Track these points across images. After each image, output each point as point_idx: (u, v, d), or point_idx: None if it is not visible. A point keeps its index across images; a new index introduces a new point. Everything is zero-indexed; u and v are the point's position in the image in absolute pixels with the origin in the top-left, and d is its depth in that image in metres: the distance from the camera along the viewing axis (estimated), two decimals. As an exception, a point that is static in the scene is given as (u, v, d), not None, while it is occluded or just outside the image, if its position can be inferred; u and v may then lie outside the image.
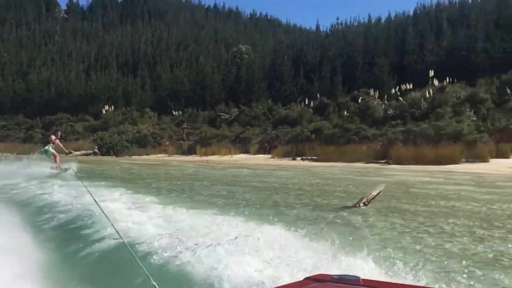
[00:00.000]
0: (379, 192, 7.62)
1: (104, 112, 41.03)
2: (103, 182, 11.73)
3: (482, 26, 33.14)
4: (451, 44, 33.24)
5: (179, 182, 13.94)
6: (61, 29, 64.14)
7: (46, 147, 15.29)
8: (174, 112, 39.13)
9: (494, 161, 17.92)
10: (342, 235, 4.90)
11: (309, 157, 23.21)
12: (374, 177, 14.90)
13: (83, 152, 31.72)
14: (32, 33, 61.87)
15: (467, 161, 18.38)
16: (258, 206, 8.40)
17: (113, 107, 41.69)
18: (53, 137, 15.75)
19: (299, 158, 24.01)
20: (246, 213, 6.39)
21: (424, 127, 21.09)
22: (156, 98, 43.75)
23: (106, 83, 45.94)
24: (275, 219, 6.43)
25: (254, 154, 27.69)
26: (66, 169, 14.27)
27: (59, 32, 63.05)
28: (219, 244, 4.27)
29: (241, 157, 26.71)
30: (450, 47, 33.22)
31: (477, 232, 5.79)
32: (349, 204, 7.65)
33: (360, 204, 7.31)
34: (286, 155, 25.61)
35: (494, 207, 7.84)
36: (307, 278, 1.73)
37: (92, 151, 31.99)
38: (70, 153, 17.69)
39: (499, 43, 30.99)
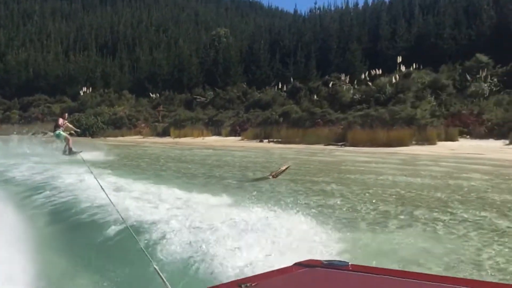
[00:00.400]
0: (286, 168, 8.82)
1: (82, 93, 41.56)
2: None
3: (452, 13, 34.25)
4: (421, 31, 34.34)
5: (139, 160, 15.05)
6: (40, 9, 63.77)
7: (57, 132, 15.23)
8: (151, 95, 39.86)
9: (441, 144, 19.20)
10: (250, 193, 6.35)
11: (274, 140, 24.33)
12: (321, 157, 16.12)
13: (59, 133, 32.40)
14: (11, 13, 61.49)
15: (417, 144, 19.64)
16: (197, 178, 9.63)
17: (91, 88, 42.21)
18: (60, 120, 15.63)
19: (266, 140, 25.13)
20: (184, 183, 7.72)
21: (381, 111, 22.31)
22: (134, 80, 44.37)
23: (85, 64, 46.33)
24: (205, 188, 7.74)
25: (226, 136, 28.73)
26: (78, 152, 14.13)
27: (38, 12, 62.73)
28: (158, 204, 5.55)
29: (212, 139, 27.75)
30: (420, 34, 34.33)
31: (348, 194, 7.06)
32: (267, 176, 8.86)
33: (270, 176, 8.49)
34: (255, 137, 26.68)
35: (381, 177, 9.16)
36: (296, 264, 1.77)
37: (68, 132, 32.64)
38: (77, 132, 17.36)
39: (466, 31, 32.18)
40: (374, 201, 6.61)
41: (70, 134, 15.73)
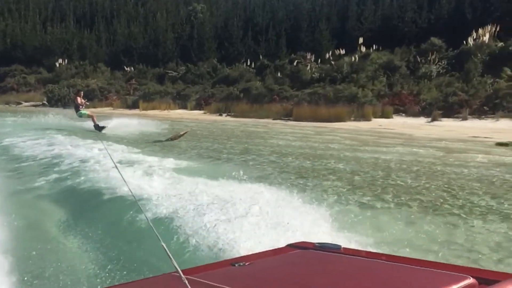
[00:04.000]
0: (184, 133, 11.62)
1: (57, 65, 43.60)
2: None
3: (416, -4, 36.58)
4: (385, 13, 36.69)
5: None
6: (19, -22, 64.71)
7: (80, 112, 16.36)
8: (126, 68, 42.04)
9: (374, 120, 21.95)
10: (153, 151, 9.10)
11: (232, 113, 26.93)
12: (260, 129, 18.84)
13: (32, 103, 34.78)
14: (-11, -19, 62.49)
15: (354, 120, 22.35)
16: (126, 141, 12.34)
17: (66, 60, 44.23)
18: (78, 99, 16.84)
19: (225, 114, 27.72)
20: (112, 144, 10.50)
21: (328, 89, 24.91)
22: (110, 53, 46.40)
23: (62, 36, 48.17)
24: (128, 147, 10.48)
25: (191, 110, 31.24)
26: (104, 127, 15.42)
27: (16, -20, 63.69)
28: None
29: (176, 112, 30.28)
30: (384, 16, 36.69)
31: (235, 146, 9.86)
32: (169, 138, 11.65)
33: (170, 139, 11.25)
34: (217, 111, 29.25)
35: (274, 141, 11.97)
36: (289, 245, 1.82)
37: (41, 103, 35.05)
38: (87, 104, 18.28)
39: (426, 14, 34.60)
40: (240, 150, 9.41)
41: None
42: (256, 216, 4.18)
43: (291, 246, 1.81)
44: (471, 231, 4.39)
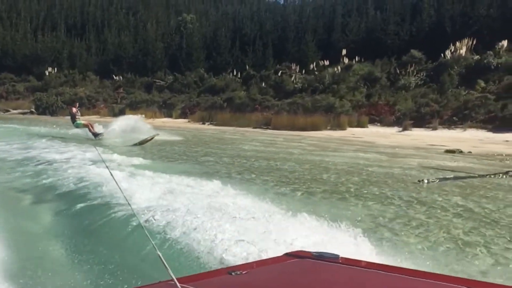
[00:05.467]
0: (151, 138, 12.75)
1: (47, 73, 44.76)
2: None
3: (399, 9, 38.08)
4: (369, 26, 38.15)
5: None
6: (11, -14, 66.12)
7: (76, 122, 16.63)
8: (114, 77, 43.24)
9: (349, 129, 23.13)
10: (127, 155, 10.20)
11: (214, 122, 28.09)
12: (235, 136, 19.99)
13: (20, 111, 35.87)
14: (-19, -11, 63.84)
15: (330, 129, 23.53)
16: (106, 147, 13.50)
17: (56, 69, 45.40)
18: (73, 109, 17.20)
19: (208, 123, 28.88)
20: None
21: (306, 100, 26.14)
22: (100, 62, 47.62)
23: (52, 45, 49.41)
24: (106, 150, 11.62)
25: (176, 118, 32.39)
26: (102, 133, 16.09)
27: (9, -11, 65.08)
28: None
29: (161, 121, 31.38)
30: (368, 29, 38.13)
31: (198, 151, 11.01)
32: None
33: (139, 143, 12.41)
34: (200, 120, 30.41)
35: (246, 148, 13.16)
36: (286, 254, 1.84)
37: (29, 110, 36.14)
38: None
39: (408, 27, 36.04)
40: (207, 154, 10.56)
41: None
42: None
43: (289, 255, 1.84)
44: (353, 208, 5.53)
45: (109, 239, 4.48)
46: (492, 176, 8.13)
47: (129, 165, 8.46)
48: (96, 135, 16.22)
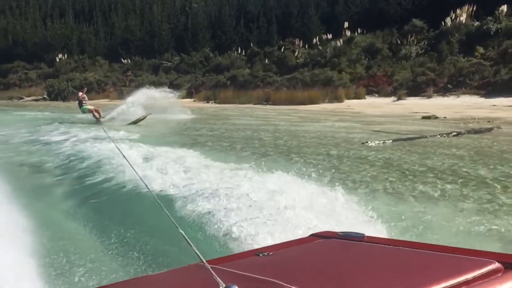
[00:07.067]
0: (144, 117, 14.12)
1: (58, 60, 46.49)
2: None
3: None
4: (372, -4, 38.49)
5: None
6: (19, -26, 67.68)
7: (83, 107, 17.94)
8: (123, 60, 44.70)
9: (346, 101, 24.15)
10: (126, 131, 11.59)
11: (217, 100, 29.37)
12: (234, 113, 21.26)
13: (33, 97, 37.75)
14: (-11, -21, 65.57)
15: (328, 102, 24.57)
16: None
17: (66, 55, 47.09)
18: (80, 93, 18.71)
19: (212, 101, 30.18)
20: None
21: (305, 74, 27.14)
22: (109, 46, 49.09)
23: (62, 31, 51.02)
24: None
25: (182, 98, 33.71)
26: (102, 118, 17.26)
27: (16, -23, 66.67)
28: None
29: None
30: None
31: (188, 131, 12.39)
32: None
33: (134, 122, 13.81)
34: (205, 99, 31.71)
35: (237, 122, 14.45)
36: (312, 235, 1.88)
37: (42, 97, 37.99)
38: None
39: (410, -5, 36.30)
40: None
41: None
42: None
43: (315, 236, 1.88)
44: (293, 162, 6.82)
45: (135, 222, 4.66)
46: (439, 136, 9.23)
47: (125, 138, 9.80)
48: (98, 119, 17.48)
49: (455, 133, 9.30)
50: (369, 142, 8.52)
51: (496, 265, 1.31)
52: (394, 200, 4.66)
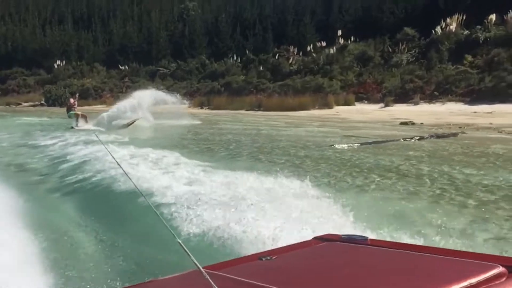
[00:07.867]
0: (134, 121, 14.91)
1: (56, 66, 47.41)
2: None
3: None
4: (365, 5, 39.49)
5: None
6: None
7: (69, 112, 18.80)
8: (120, 67, 45.62)
9: (336, 108, 24.92)
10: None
11: (210, 107, 30.20)
12: (224, 118, 22.04)
13: (31, 103, 38.62)
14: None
15: (318, 108, 25.35)
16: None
17: (64, 62, 48.02)
18: (71, 100, 19.68)
19: (206, 107, 31.00)
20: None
21: (297, 81, 27.96)
22: (107, 53, 50.06)
23: (60, 38, 52.02)
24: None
25: (177, 104, 34.54)
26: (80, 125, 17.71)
27: (16, -16, 67.83)
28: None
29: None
30: (364, 8, 39.49)
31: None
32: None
33: (127, 125, 14.62)
34: (200, 105, 32.53)
35: (223, 126, 15.25)
36: (315, 238, 1.87)
37: (39, 103, 38.85)
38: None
39: (403, 5, 37.30)
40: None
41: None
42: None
43: (318, 239, 1.88)
44: (260, 163, 7.59)
45: (133, 229, 4.71)
46: (405, 140, 9.99)
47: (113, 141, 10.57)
48: (76, 125, 17.92)
49: (417, 138, 10.04)
50: (336, 145, 9.28)
51: (500, 269, 1.32)
52: (333, 190, 5.40)
